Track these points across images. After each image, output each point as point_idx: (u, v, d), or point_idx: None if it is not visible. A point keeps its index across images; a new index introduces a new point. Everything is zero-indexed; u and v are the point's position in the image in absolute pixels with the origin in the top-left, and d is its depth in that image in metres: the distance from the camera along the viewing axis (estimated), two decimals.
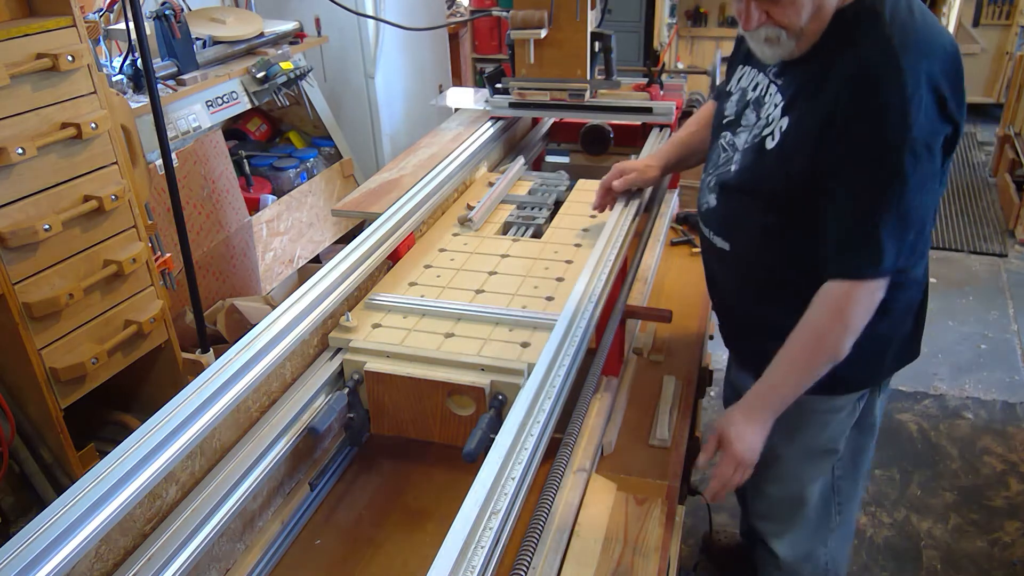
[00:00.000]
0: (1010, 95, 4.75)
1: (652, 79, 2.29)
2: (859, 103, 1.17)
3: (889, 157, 1.16)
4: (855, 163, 1.19)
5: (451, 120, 2.35)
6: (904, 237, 1.19)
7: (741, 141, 1.37)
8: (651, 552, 1.17)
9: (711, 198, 1.43)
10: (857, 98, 1.17)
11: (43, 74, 1.74)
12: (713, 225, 1.45)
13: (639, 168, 1.71)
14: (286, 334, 1.24)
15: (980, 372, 3.19)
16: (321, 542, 1.27)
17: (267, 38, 3.13)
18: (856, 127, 1.17)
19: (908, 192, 1.17)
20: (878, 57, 1.17)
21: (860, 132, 1.17)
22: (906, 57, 1.15)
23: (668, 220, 2.19)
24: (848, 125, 1.18)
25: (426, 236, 1.73)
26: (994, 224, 4.42)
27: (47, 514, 0.88)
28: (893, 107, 1.15)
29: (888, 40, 1.17)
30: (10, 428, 1.84)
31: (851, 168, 1.19)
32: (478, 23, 5.17)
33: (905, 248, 1.20)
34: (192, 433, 1.03)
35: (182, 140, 2.69)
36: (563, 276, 1.52)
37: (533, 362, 1.19)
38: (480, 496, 0.92)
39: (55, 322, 1.82)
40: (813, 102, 1.23)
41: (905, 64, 1.15)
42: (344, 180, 3.50)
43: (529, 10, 2.04)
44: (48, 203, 1.78)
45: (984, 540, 2.40)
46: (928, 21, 1.22)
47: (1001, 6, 5.52)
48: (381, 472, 1.42)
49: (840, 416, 1.47)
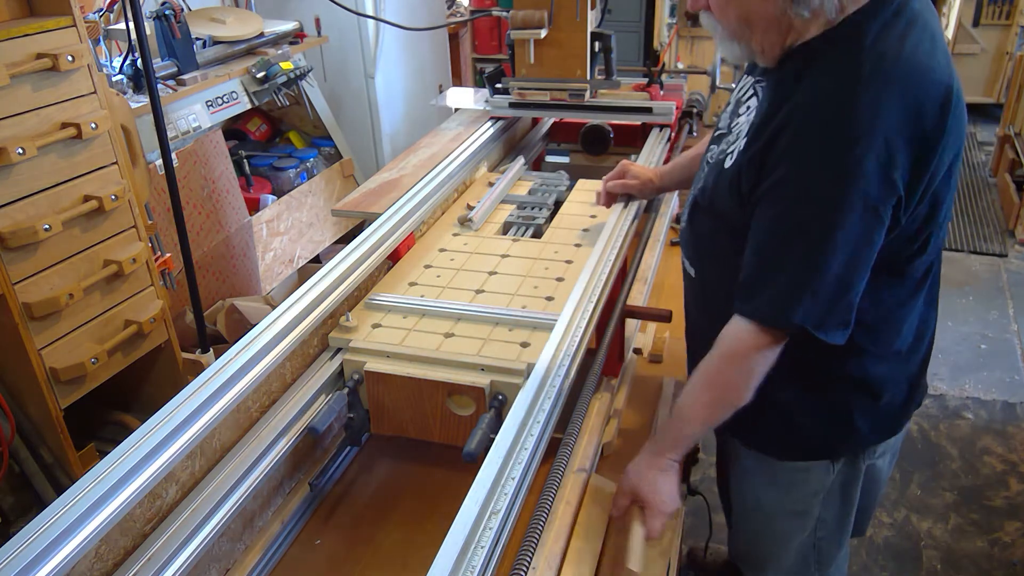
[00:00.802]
0: (1010, 95, 4.74)
1: (652, 79, 2.29)
2: (800, 134, 1.04)
3: (810, 205, 1.03)
4: (777, 198, 1.07)
5: (451, 120, 2.35)
6: (819, 296, 1.05)
7: (714, 154, 1.26)
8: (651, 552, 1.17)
9: (685, 216, 1.35)
10: (799, 129, 1.04)
11: (43, 74, 1.74)
12: (685, 248, 1.37)
13: (642, 180, 1.67)
14: (286, 334, 1.24)
15: (980, 372, 3.19)
16: (321, 542, 1.27)
17: (267, 38, 3.13)
18: (791, 161, 1.05)
19: (825, 255, 1.03)
20: (834, 86, 1.03)
21: (792, 167, 1.05)
22: (869, 91, 1.00)
23: (668, 220, 2.19)
24: (783, 156, 1.05)
25: (426, 236, 1.73)
26: (994, 224, 4.42)
27: (47, 514, 0.88)
28: (834, 147, 1.01)
29: (856, 68, 1.02)
30: (10, 428, 1.84)
31: (772, 201, 1.08)
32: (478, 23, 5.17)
33: (819, 307, 1.06)
34: (192, 433, 1.03)
35: (182, 140, 2.69)
36: (563, 276, 1.52)
37: (533, 362, 1.19)
38: (480, 496, 0.92)
39: (55, 322, 1.82)
40: (768, 124, 1.10)
41: (864, 99, 1.00)
42: (344, 180, 3.50)
43: (529, 10, 2.04)
44: (48, 203, 1.78)
45: (984, 540, 2.40)
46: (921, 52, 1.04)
47: (1001, 6, 5.52)
48: (381, 472, 1.42)
49: (808, 479, 1.34)
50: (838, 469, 1.32)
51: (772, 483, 1.38)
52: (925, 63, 1.03)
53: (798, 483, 1.35)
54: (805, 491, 1.35)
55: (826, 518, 1.38)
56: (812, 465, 1.32)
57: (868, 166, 1.00)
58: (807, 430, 1.28)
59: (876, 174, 1.00)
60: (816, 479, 1.33)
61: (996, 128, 4.96)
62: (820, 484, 1.34)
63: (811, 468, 1.33)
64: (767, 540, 1.47)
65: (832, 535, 1.41)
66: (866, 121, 1.00)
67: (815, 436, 1.29)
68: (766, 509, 1.42)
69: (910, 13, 1.06)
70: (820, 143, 1.03)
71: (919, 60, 1.03)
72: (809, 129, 1.04)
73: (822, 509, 1.37)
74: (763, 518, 1.44)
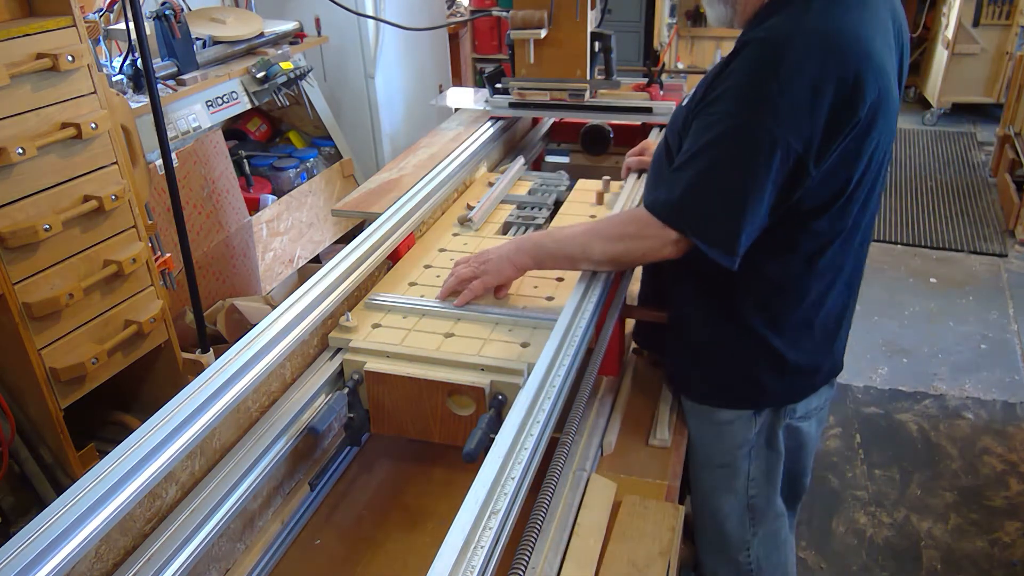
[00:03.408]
0: (1010, 95, 4.74)
1: (652, 79, 2.29)
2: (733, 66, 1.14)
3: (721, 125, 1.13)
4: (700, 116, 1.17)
5: (451, 120, 2.35)
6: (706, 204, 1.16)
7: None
8: (651, 552, 1.17)
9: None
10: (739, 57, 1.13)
11: (43, 74, 1.74)
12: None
13: None
14: (286, 334, 1.24)
15: (980, 372, 3.19)
16: (321, 542, 1.27)
17: (267, 38, 3.14)
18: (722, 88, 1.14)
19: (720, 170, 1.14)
20: (779, 28, 1.12)
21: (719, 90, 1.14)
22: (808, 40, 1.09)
23: None
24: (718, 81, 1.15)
25: (426, 236, 1.73)
26: (994, 224, 4.42)
27: (47, 514, 0.88)
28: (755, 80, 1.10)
29: (801, 15, 1.11)
30: (10, 428, 1.84)
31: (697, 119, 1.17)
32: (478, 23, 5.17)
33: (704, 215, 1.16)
34: (192, 433, 1.03)
35: (182, 140, 2.69)
36: (563, 276, 1.52)
37: (533, 362, 1.19)
38: (480, 496, 0.92)
39: (55, 322, 1.82)
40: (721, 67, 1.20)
41: (798, 44, 1.09)
42: (344, 180, 3.51)
43: (529, 10, 2.04)
44: (48, 203, 1.78)
45: (984, 540, 2.40)
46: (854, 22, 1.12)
47: (1001, 6, 5.52)
48: (381, 472, 1.42)
49: (733, 430, 1.42)
50: (760, 422, 1.41)
51: (702, 433, 1.47)
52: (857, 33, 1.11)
53: (725, 435, 1.44)
54: (731, 443, 1.44)
55: (755, 475, 1.46)
56: (736, 416, 1.41)
57: (782, 103, 1.08)
58: (725, 377, 1.39)
59: (789, 114, 1.08)
60: (740, 430, 1.42)
61: (996, 128, 4.96)
62: (744, 436, 1.42)
63: (735, 419, 1.42)
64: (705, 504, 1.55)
65: (762, 491, 1.48)
66: (792, 65, 1.08)
67: (733, 385, 1.39)
68: (700, 461, 1.50)
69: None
70: (748, 76, 1.12)
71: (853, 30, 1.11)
72: (744, 64, 1.13)
73: (750, 464, 1.45)
74: (699, 475, 1.53)
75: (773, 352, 1.34)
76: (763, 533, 1.53)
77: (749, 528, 1.52)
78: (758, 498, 1.49)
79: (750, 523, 1.51)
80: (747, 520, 1.51)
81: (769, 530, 1.53)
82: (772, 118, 1.09)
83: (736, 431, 1.42)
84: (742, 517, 1.51)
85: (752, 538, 1.53)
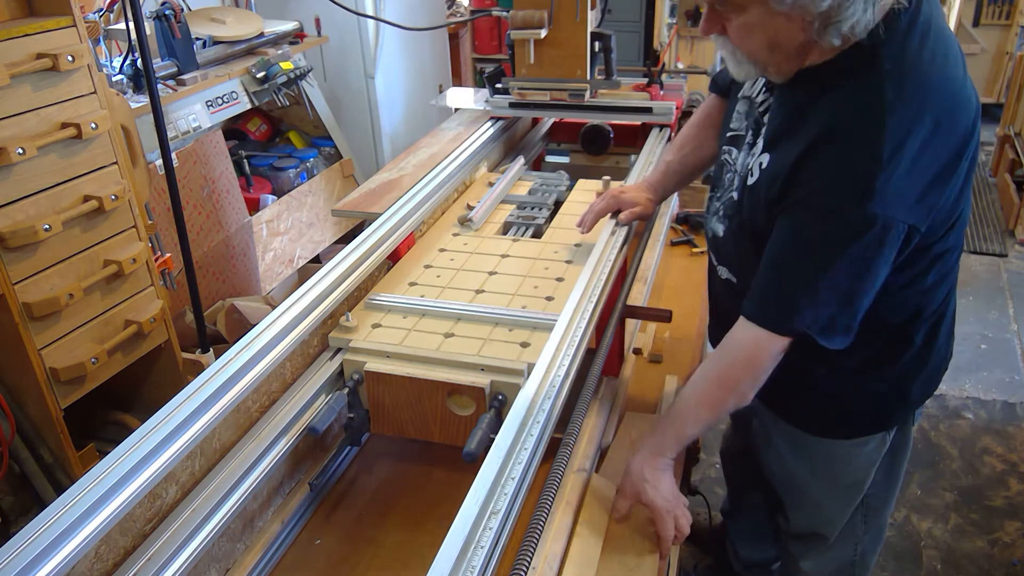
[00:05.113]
0: (1010, 95, 4.75)
1: (652, 79, 2.29)
2: (821, 156, 1.06)
3: (828, 223, 1.06)
4: (797, 213, 1.10)
5: (451, 120, 2.35)
6: (821, 311, 1.10)
7: (740, 165, 1.27)
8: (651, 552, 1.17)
9: (719, 228, 1.33)
10: (820, 150, 1.06)
11: (43, 74, 1.74)
12: (721, 256, 1.38)
13: (643, 204, 1.59)
14: (286, 334, 1.24)
15: (980, 372, 3.18)
16: (321, 542, 1.27)
17: (267, 38, 3.14)
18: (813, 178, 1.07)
19: (835, 270, 1.07)
20: (856, 110, 1.04)
21: (813, 184, 1.07)
22: (895, 116, 1.00)
23: (668, 220, 2.19)
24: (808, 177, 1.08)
25: (426, 236, 1.73)
26: (994, 224, 4.42)
27: (47, 514, 0.88)
28: (856, 170, 1.03)
29: (879, 89, 1.02)
30: (10, 428, 1.84)
31: (792, 217, 1.10)
32: (478, 23, 5.17)
33: (824, 317, 1.10)
34: (192, 433, 1.03)
35: (182, 140, 2.69)
36: (563, 276, 1.52)
37: (533, 362, 1.19)
38: (480, 496, 0.92)
39: (55, 322, 1.82)
40: (789, 143, 1.12)
41: (891, 124, 1.00)
42: (344, 180, 3.51)
43: (529, 10, 2.04)
44: (48, 203, 1.78)
45: (984, 540, 2.40)
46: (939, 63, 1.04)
47: (1001, 6, 5.52)
48: (381, 472, 1.42)
49: (867, 451, 1.41)
50: (892, 437, 1.40)
51: (826, 463, 1.44)
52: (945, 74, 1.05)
53: (854, 457, 1.42)
54: (865, 462, 1.42)
55: (878, 479, 1.45)
56: (869, 439, 1.39)
57: (891, 189, 1.01)
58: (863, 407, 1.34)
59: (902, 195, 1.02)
60: (873, 451, 1.40)
61: (996, 128, 4.96)
62: (876, 455, 1.41)
63: (868, 442, 1.39)
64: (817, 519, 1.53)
65: (881, 493, 1.48)
66: (891, 147, 1.01)
67: (871, 411, 1.36)
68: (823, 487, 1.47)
69: (923, 22, 1.06)
70: (846, 168, 1.04)
71: (939, 73, 1.05)
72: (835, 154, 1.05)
73: (875, 474, 1.44)
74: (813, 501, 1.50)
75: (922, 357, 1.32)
76: (874, 528, 1.53)
77: (862, 526, 1.52)
78: (875, 498, 1.48)
79: (863, 520, 1.51)
80: (860, 519, 1.51)
81: (879, 523, 1.54)
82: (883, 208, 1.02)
83: (870, 452, 1.40)
84: (855, 518, 1.51)
85: (864, 535, 1.53)
